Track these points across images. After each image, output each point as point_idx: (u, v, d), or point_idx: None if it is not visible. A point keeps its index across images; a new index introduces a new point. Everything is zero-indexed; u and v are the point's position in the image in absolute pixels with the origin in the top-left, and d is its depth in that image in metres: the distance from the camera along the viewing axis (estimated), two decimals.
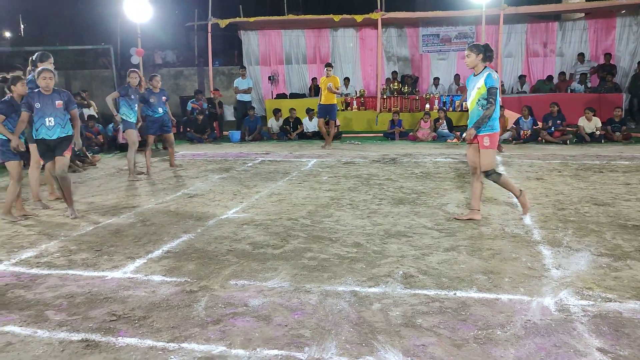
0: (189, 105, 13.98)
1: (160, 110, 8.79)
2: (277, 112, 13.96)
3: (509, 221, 5.47)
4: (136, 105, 8.41)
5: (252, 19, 15.36)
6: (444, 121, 12.86)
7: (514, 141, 11.89)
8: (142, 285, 3.93)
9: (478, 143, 5.38)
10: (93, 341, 3.09)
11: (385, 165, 9.16)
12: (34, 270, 4.30)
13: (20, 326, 3.31)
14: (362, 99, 15.04)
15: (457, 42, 16.20)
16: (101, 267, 4.35)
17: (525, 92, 14.91)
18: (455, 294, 3.65)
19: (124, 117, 8.34)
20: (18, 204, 6.15)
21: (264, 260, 4.43)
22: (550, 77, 15.28)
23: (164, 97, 8.87)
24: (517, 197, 5.65)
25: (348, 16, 14.71)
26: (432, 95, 14.58)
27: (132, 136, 8.37)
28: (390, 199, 6.58)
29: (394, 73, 15.74)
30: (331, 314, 3.38)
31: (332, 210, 6.11)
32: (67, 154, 6.00)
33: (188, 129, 13.56)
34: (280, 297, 3.67)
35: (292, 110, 13.64)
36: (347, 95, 15.31)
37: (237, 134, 13.52)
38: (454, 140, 12.39)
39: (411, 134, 12.90)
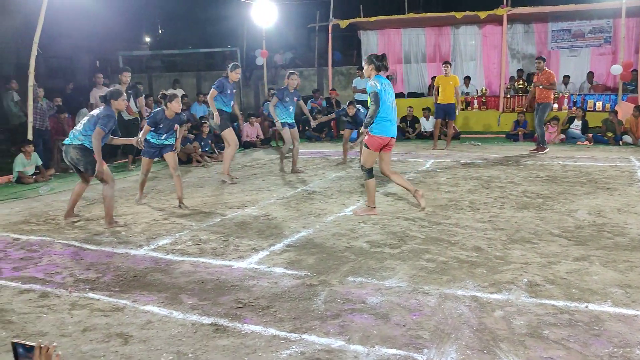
0: (309, 105, 14.36)
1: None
2: None
3: None
4: (292, 106, 8.68)
5: (372, 19, 15.40)
6: (580, 121, 12.00)
7: None
8: (265, 276, 4.12)
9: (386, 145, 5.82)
10: (222, 325, 3.30)
11: (508, 168, 8.76)
12: (170, 256, 4.67)
13: (159, 307, 3.62)
14: (483, 98, 14.51)
15: (592, 37, 15.02)
16: (228, 256, 4.62)
17: None
18: (587, 306, 3.41)
19: (281, 120, 8.72)
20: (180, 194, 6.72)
21: (382, 259, 4.45)
22: None
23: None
24: (412, 194, 6.05)
25: (471, 13, 14.24)
26: (561, 95, 13.68)
27: (287, 135, 8.73)
28: (514, 203, 6.29)
29: (519, 71, 14.99)
30: (450, 318, 3.31)
31: (450, 212, 5.97)
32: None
33: (307, 128, 13.94)
34: (398, 296, 3.66)
35: (409, 108, 13.53)
36: (467, 94, 14.86)
37: (354, 133, 13.63)
38: (584, 143, 11.55)
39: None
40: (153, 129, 6.44)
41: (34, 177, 8.72)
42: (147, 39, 28.70)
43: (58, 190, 7.93)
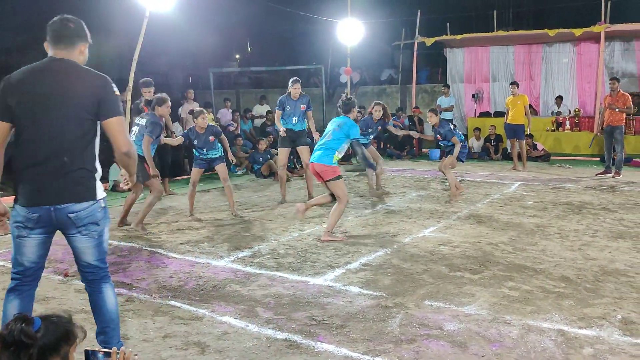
0: (391, 122, 14.25)
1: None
2: (477, 130, 13.58)
3: None
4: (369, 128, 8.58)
5: (459, 37, 15.13)
6: None
7: None
8: (341, 295, 4.09)
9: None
10: (295, 342, 3.30)
11: (602, 193, 8.23)
12: (248, 269, 4.77)
13: (235, 318, 3.69)
14: (576, 119, 13.79)
15: None
16: (304, 272, 4.65)
17: None
18: None
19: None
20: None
21: (461, 284, 4.30)
22: None
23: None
24: None
25: (565, 30, 13.63)
26: None
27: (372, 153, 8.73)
28: (608, 232, 5.89)
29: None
30: (534, 352, 3.12)
31: (537, 238, 5.68)
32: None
33: (388, 145, 13.87)
34: (477, 325, 3.51)
35: (491, 127, 13.17)
36: (559, 114, 14.20)
37: (436, 152, 13.37)
38: None
39: (636, 159, 11.39)
40: (187, 142, 6.87)
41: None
42: (237, 56, 29.85)
43: None
